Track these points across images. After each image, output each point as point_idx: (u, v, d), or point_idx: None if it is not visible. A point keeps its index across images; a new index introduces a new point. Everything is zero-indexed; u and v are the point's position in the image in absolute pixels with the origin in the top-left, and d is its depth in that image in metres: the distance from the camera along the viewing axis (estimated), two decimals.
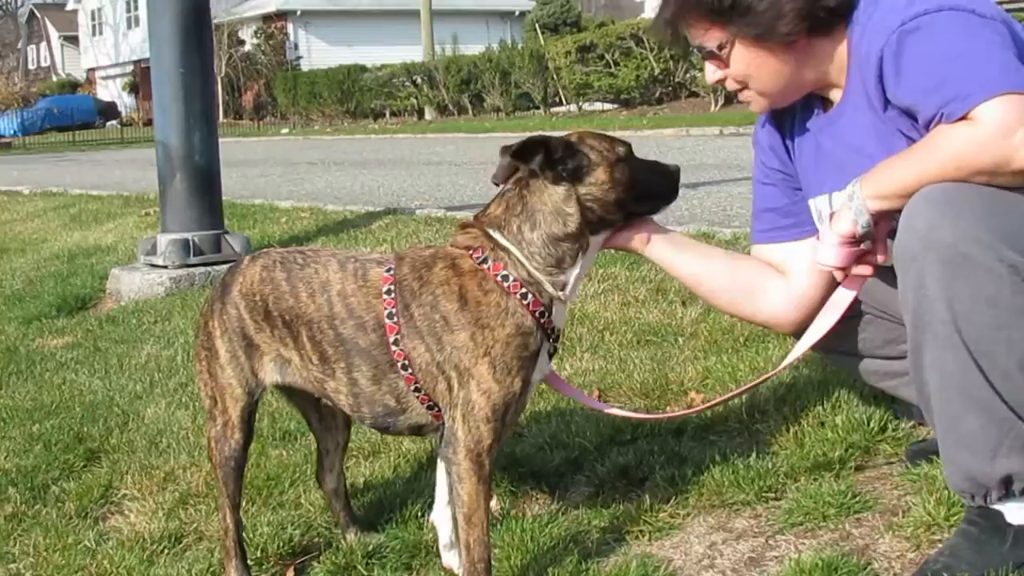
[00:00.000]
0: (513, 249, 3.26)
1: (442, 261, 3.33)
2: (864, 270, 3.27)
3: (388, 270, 3.37)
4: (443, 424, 3.35)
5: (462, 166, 18.97)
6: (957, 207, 2.90)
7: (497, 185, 3.37)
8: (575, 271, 3.33)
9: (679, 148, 19.98)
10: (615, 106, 35.48)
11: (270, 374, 3.60)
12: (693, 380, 4.90)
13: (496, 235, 3.28)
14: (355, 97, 45.24)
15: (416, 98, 43.00)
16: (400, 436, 4.12)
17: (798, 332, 3.65)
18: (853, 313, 3.55)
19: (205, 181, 8.88)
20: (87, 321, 8.10)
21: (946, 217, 2.90)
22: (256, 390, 3.63)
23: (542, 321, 3.29)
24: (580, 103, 36.21)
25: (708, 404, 3.97)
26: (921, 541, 3.38)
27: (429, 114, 42.35)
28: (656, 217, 3.53)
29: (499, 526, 3.80)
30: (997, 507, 3.09)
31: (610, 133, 3.45)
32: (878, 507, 3.64)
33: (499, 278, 3.25)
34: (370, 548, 3.82)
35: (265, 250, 3.74)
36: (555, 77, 36.19)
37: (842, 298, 3.39)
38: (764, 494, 3.82)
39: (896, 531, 3.47)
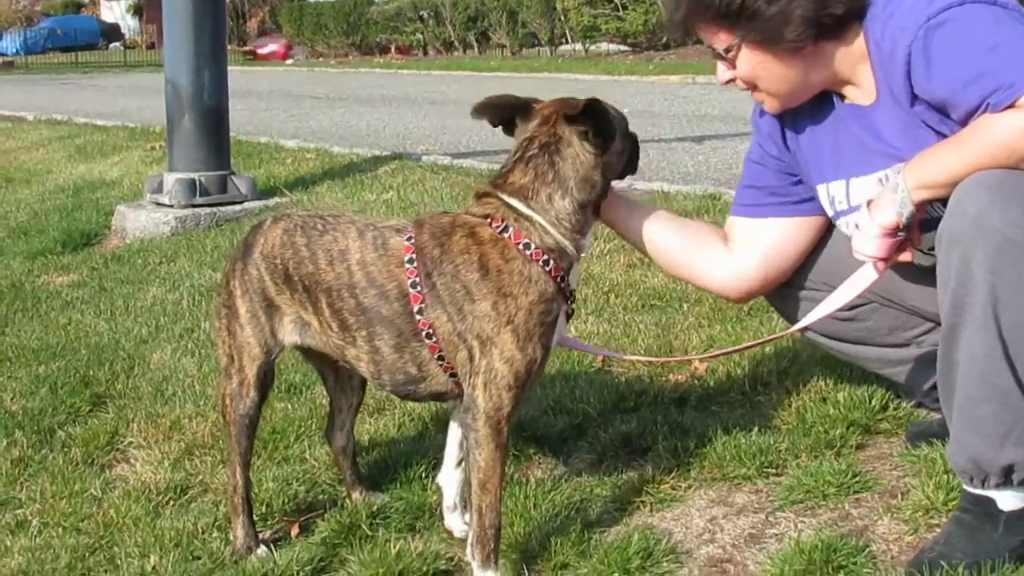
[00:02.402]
0: (538, 218, 3.29)
1: (461, 230, 3.34)
2: (906, 257, 3.28)
3: (408, 239, 3.38)
4: (461, 392, 3.39)
5: (466, 106, 18.53)
6: (1008, 193, 2.93)
7: (491, 123, 3.46)
8: (590, 234, 3.42)
9: (684, 96, 20.00)
10: (621, 49, 35.31)
11: (289, 335, 3.63)
12: (697, 348, 4.93)
13: (517, 204, 3.30)
14: (361, 30, 44.98)
15: (422, 34, 42.78)
16: (421, 402, 4.16)
17: (741, 300, 3.96)
18: (859, 302, 3.61)
19: (214, 121, 8.90)
20: (92, 259, 8.12)
21: (996, 203, 2.93)
22: (275, 349, 3.66)
23: (562, 285, 3.32)
24: (587, 45, 36.05)
25: (714, 353, 4.07)
26: (919, 524, 3.42)
27: (433, 51, 42.17)
28: (666, 173, 3.63)
29: (503, 492, 3.83)
30: (991, 494, 3.13)
31: (616, 78, 3.52)
32: (877, 487, 3.68)
33: (520, 246, 3.27)
34: (374, 508, 3.86)
35: (287, 212, 3.76)
36: (563, 18, 36.02)
37: (866, 276, 3.41)
38: (765, 469, 3.86)
39: (895, 513, 3.51)
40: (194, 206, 8.76)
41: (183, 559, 3.74)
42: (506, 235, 3.29)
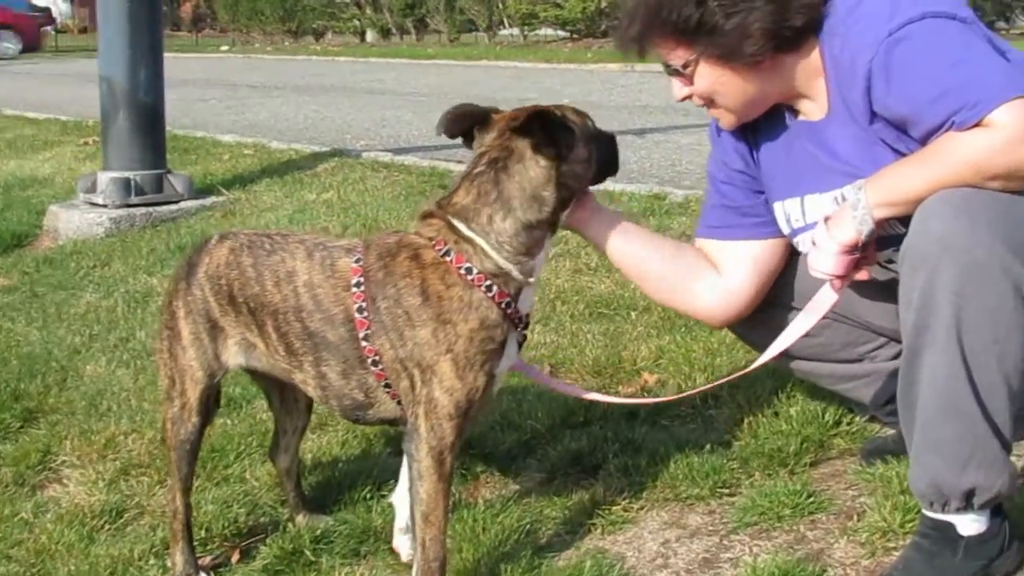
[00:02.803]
0: (479, 240, 3.16)
1: (405, 251, 3.23)
2: (863, 276, 3.20)
3: (357, 260, 3.27)
4: None
5: (405, 96, 18.81)
6: (975, 212, 2.86)
7: (449, 137, 3.30)
8: (543, 254, 3.26)
9: (624, 85, 19.93)
10: (560, 35, 35.24)
11: (234, 357, 3.51)
12: (647, 359, 4.85)
13: (460, 226, 3.17)
14: (297, 16, 44.68)
15: (359, 20, 42.55)
16: (371, 426, 4.04)
17: (724, 327, 3.80)
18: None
19: (149, 119, 8.72)
20: (23, 262, 7.91)
21: (963, 222, 2.85)
22: (218, 372, 3.54)
23: (508, 311, 3.20)
24: (525, 32, 35.96)
25: (678, 396, 3.98)
26: (876, 548, 3.35)
27: (371, 36, 41.97)
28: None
29: (451, 515, 3.71)
30: (951, 518, 3.06)
31: (555, 66, 3.41)
32: (833, 508, 3.61)
33: (462, 271, 3.15)
34: (318, 532, 3.75)
35: (234, 231, 3.64)
36: (501, 4, 35.91)
37: (825, 299, 3.32)
38: (719, 489, 3.78)
39: (851, 536, 3.44)
40: (129, 206, 8.57)
41: None
42: (448, 259, 3.17)
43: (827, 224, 3.10)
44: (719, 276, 3.63)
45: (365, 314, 3.21)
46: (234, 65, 31.57)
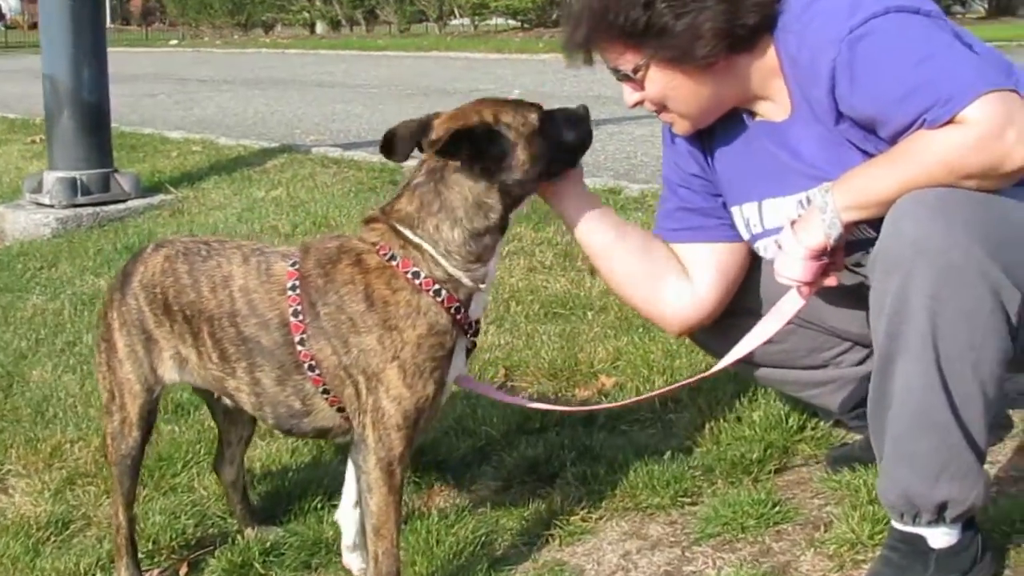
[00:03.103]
0: (427, 247, 3.05)
1: (347, 256, 3.13)
2: (831, 282, 3.09)
3: (293, 264, 3.18)
4: (352, 429, 3.18)
5: (355, 89, 18.67)
6: (950, 213, 2.75)
7: (402, 161, 3.18)
8: (494, 260, 3.16)
9: (575, 75, 19.71)
10: (511, 24, 35.12)
11: (169, 372, 3.40)
12: (604, 361, 4.77)
13: (406, 232, 3.07)
14: (246, 9, 44.42)
15: (308, 12, 42.34)
16: (305, 439, 3.93)
17: (682, 334, 3.69)
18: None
19: (95, 118, 8.60)
20: None
21: (937, 222, 2.74)
22: (156, 387, 3.44)
23: (458, 317, 3.10)
24: (476, 21, 35.84)
25: (630, 401, 3.83)
26: (844, 560, 3.27)
27: (320, 28, 41.78)
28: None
29: (403, 525, 3.60)
30: (921, 531, 2.98)
31: (507, 56, 3.31)
32: (799, 518, 3.53)
33: (409, 275, 3.05)
34: (267, 545, 3.65)
35: (169, 238, 3.54)
36: None
37: (790, 306, 3.20)
38: (680, 498, 3.70)
39: (818, 547, 3.36)
40: (76, 206, 8.45)
41: None
42: (394, 263, 3.07)
43: (794, 228, 2.99)
44: (687, 280, 3.51)
45: (301, 318, 3.11)
46: (183, 59, 31.28)
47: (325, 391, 3.16)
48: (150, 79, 22.61)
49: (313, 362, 3.12)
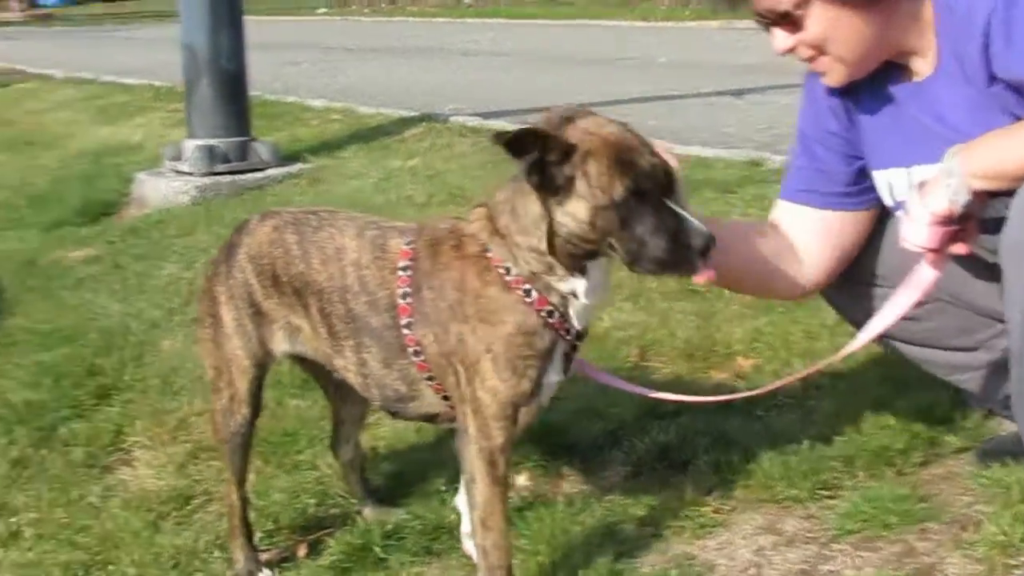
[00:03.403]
0: (517, 239, 2.84)
1: (451, 240, 2.97)
2: (960, 250, 2.89)
3: (408, 243, 3.03)
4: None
5: (500, 57, 18.55)
6: None
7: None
8: (581, 282, 2.87)
9: (721, 43, 19.49)
10: None
11: (280, 343, 3.30)
12: (742, 342, 4.60)
13: (499, 222, 2.87)
14: None
15: None
16: (411, 422, 3.77)
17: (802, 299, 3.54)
18: (923, 299, 3.17)
19: (232, 85, 8.62)
20: (109, 231, 7.85)
21: None
22: (265, 361, 3.35)
23: (551, 321, 2.89)
24: None
25: (759, 391, 3.61)
26: (995, 565, 3.05)
27: None
28: (705, 135, 3.16)
29: (528, 512, 3.53)
30: None
31: (652, 24, 3.05)
32: (945, 516, 3.33)
33: (501, 270, 2.88)
34: (388, 527, 3.54)
35: (276, 209, 3.44)
36: None
37: (924, 277, 3.00)
38: (818, 491, 3.52)
39: (966, 549, 3.15)
40: (214, 174, 8.47)
41: None
42: (489, 254, 2.89)
43: (920, 192, 2.81)
44: (798, 263, 3.33)
45: (408, 300, 2.98)
46: (331, 28, 31.49)
47: (430, 378, 3.04)
48: (294, 47, 22.69)
49: (418, 347, 2.99)
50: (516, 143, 2.68)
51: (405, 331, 2.99)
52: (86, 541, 3.73)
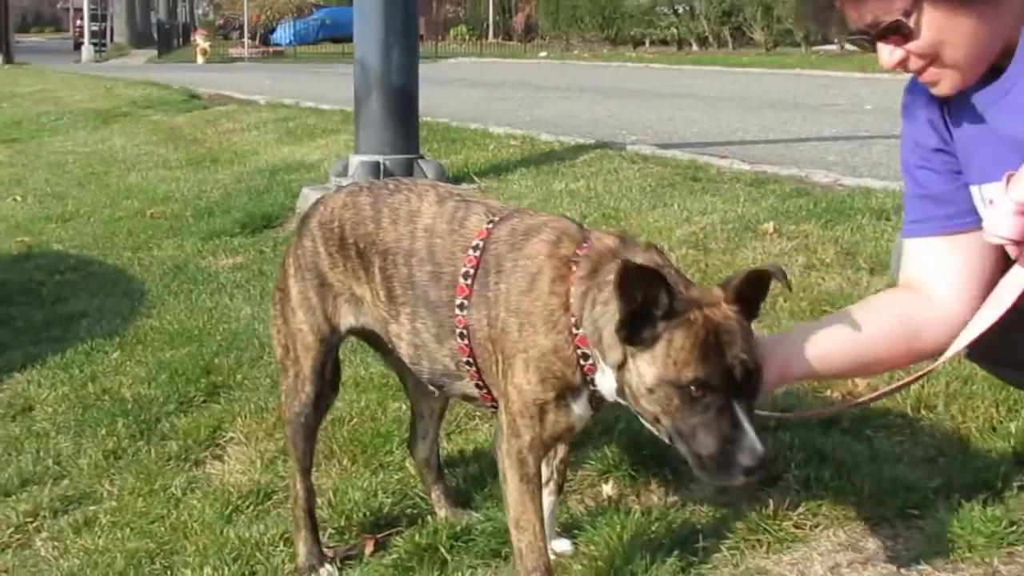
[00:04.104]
0: (587, 294, 2.69)
1: (550, 233, 2.80)
2: None
3: (490, 222, 2.88)
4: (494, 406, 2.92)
5: (705, 99, 18.34)
6: None
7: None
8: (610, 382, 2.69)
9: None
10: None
11: (344, 317, 3.19)
12: None
13: (597, 277, 2.69)
14: (616, 23, 44.66)
15: (676, 28, 42.20)
16: (452, 398, 3.59)
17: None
18: (1015, 316, 2.81)
19: (402, 102, 8.57)
20: (263, 241, 7.90)
21: None
22: (331, 338, 3.23)
23: (584, 364, 2.71)
24: (842, 42, 34.95)
25: (846, 405, 3.36)
26: None
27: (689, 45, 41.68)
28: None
29: (601, 518, 3.37)
30: None
31: (868, 75, 2.80)
32: None
33: (571, 289, 2.71)
34: (457, 529, 3.42)
35: (357, 181, 3.32)
36: None
37: (1015, 280, 2.71)
38: (908, 510, 3.28)
39: None
40: None
41: (239, 574, 3.38)
42: (573, 268, 2.72)
43: (1007, 182, 2.54)
44: (933, 307, 2.96)
45: (468, 281, 2.84)
46: (547, 70, 31.67)
47: (469, 362, 2.90)
48: (510, 86, 23.03)
49: (465, 330, 2.86)
50: (638, 278, 2.50)
51: (458, 311, 2.86)
52: (158, 530, 3.70)
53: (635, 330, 2.53)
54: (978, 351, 2.95)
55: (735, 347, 2.52)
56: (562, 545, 3.30)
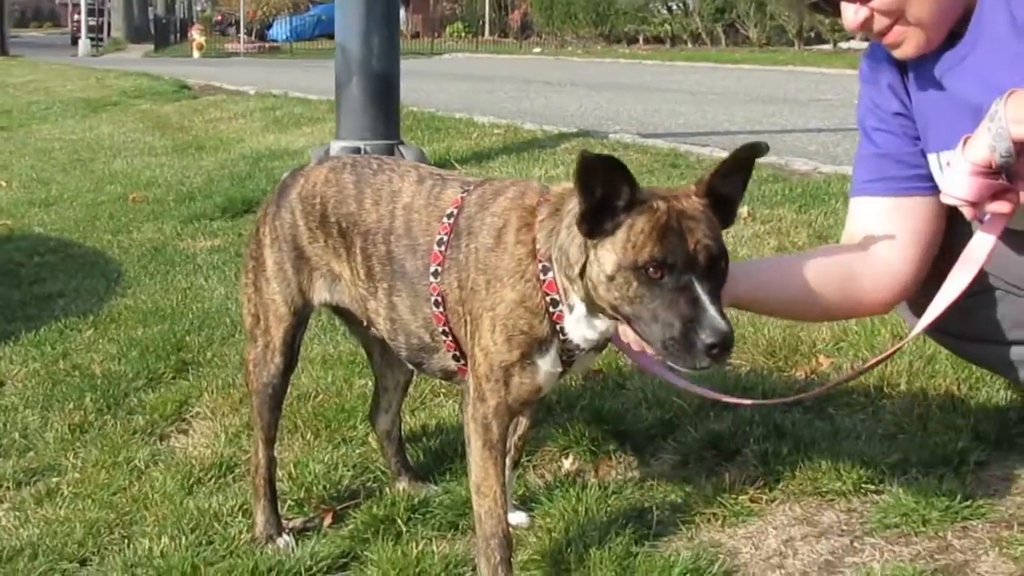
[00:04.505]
0: (553, 230, 2.69)
1: (515, 189, 2.82)
2: (1001, 207, 2.56)
3: (463, 192, 2.89)
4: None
5: (694, 94, 18.31)
6: None
7: None
8: (583, 320, 2.70)
9: None
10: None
11: (319, 292, 3.19)
12: (826, 342, 4.35)
13: (564, 209, 2.69)
14: (609, 20, 44.60)
15: (670, 25, 42.17)
16: (431, 377, 3.59)
17: (892, 309, 3.11)
18: (978, 289, 2.86)
19: (382, 88, 8.53)
20: (242, 225, 7.86)
21: None
22: (303, 310, 3.23)
23: (552, 311, 2.70)
24: (836, 39, 34.98)
25: (808, 394, 3.37)
26: None
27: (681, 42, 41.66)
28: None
29: (557, 491, 3.39)
30: None
31: None
32: (992, 515, 3.07)
33: (536, 236, 2.70)
34: (415, 501, 3.42)
35: (339, 156, 3.30)
36: None
37: (979, 248, 2.70)
38: (864, 485, 3.28)
39: (1003, 548, 2.90)
40: None
41: (196, 543, 3.35)
42: (537, 218, 2.72)
43: (963, 143, 2.53)
44: (882, 261, 2.98)
45: (442, 248, 2.84)
46: (540, 65, 31.60)
47: (445, 332, 2.90)
48: (500, 80, 22.94)
49: (440, 298, 2.86)
50: (596, 167, 2.46)
51: (432, 279, 2.87)
52: (119, 501, 3.69)
53: (596, 223, 2.50)
54: (940, 325, 2.93)
55: (697, 232, 2.48)
56: (518, 518, 3.29)
